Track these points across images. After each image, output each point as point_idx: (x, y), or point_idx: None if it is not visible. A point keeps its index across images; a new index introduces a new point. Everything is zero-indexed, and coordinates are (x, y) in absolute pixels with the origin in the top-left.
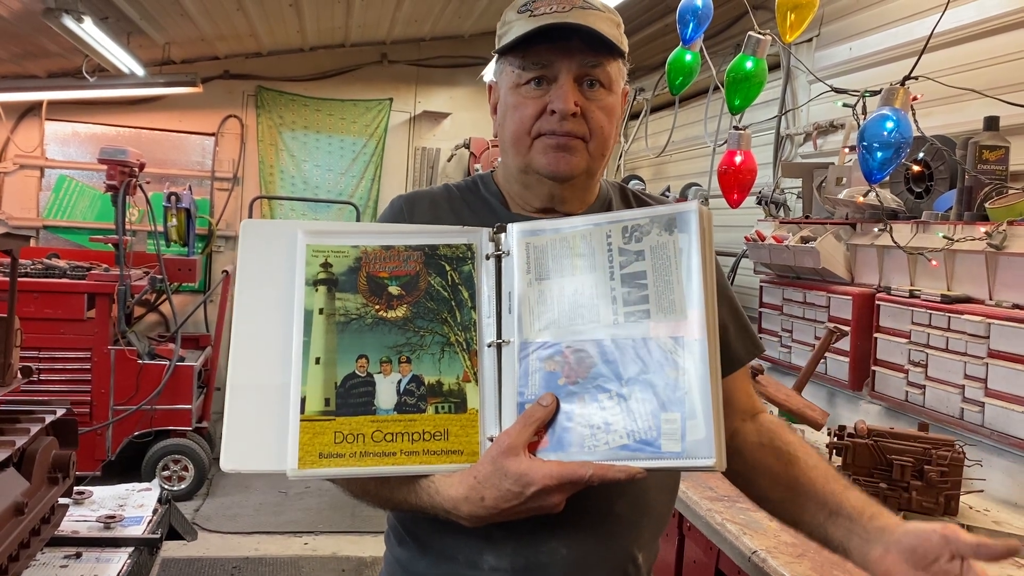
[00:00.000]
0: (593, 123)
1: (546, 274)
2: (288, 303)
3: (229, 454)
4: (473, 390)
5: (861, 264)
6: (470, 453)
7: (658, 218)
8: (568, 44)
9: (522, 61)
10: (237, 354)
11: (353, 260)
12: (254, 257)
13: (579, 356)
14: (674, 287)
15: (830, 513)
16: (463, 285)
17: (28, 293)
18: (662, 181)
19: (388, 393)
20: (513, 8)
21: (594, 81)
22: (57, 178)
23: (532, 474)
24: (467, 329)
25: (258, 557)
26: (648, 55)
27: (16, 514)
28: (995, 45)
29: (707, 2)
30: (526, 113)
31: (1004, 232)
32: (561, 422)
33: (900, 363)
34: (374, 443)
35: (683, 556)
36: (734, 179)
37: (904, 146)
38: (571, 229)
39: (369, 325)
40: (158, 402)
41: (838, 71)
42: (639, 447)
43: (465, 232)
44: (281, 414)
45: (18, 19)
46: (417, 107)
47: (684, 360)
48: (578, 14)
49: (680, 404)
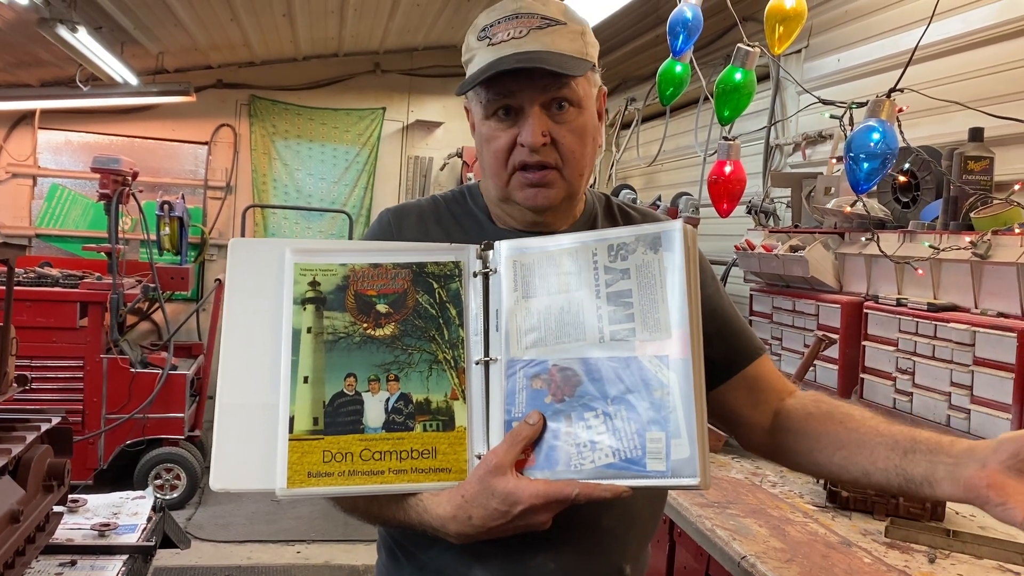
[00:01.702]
0: (564, 149)
1: (533, 292)
2: (276, 322)
3: (219, 473)
4: (461, 408)
5: (849, 273)
6: (458, 471)
7: (643, 236)
8: (529, 71)
9: (486, 94)
10: (226, 373)
11: (341, 278)
12: (242, 275)
13: (565, 374)
14: (659, 306)
15: (905, 452)
16: (451, 303)
17: (21, 302)
18: (653, 190)
19: (376, 411)
20: (473, 32)
21: (563, 103)
22: (50, 187)
23: (519, 493)
24: (455, 347)
25: (251, 566)
26: (639, 66)
27: (12, 522)
28: (980, 57)
29: (697, 14)
30: (499, 146)
31: (989, 242)
32: (548, 440)
33: (888, 371)
34: (363, 462)
35: (674, 562)
36: (724, 189)
37: (890, 157)
38: (557, 247)
39: (357, 343)
40: (150, 411)
41: (826, 82)
42: (624, 466)
43: (453, 249)
44: (270, 433)
45: (12, 28)
46: (410, 116)
47: (669, 379)
48: (536, 37)
49: (665, 423)
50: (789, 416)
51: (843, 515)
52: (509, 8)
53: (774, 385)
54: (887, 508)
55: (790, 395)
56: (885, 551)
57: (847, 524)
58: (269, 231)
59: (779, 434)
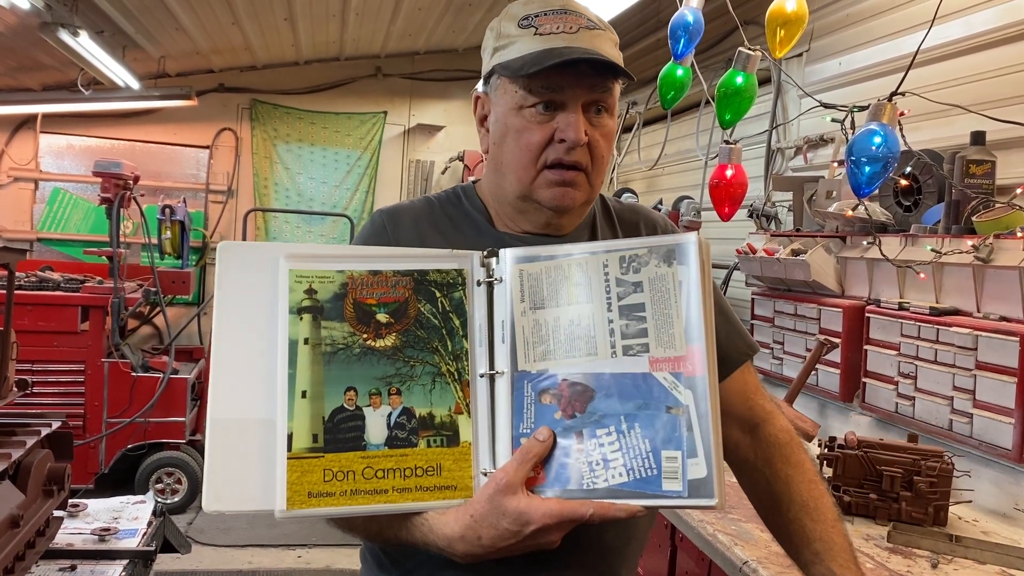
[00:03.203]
0: (596, 152)
1: (541, 303)
2: (270, 332)
3: (212, 494)
4: (466, 422)
5: (851, 277)
6: (464, 488)
7: (656, 248)
8: (578, 69)
9: (528, 82)
10: (217, 386)
11: (339, 286)
12: (233, 282)
13: (576, 389)
14: (673, 321)
15: None
16: (454, 312)
17: (22, 306)
18: (655, 194)
19: (378, 427)
20: (511, 20)
21: (601, 107)
22: (51, 191)
23: (531, 513)
24: (459, 359)
25: (252, 570)
26: (640, 69)
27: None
28: (981, 61)
29: (698, 17)
30: (533, 140)
31: (991, 245)
32: (558, 457)
33: (890, 375)
34: (365, 480)
35: (675, 567)
36: (725, 192)
37: (892, 160)
38: (566, 257)
39: (357, 355)
40: (152, 415)
41: (827, 86)
42: (639, 485)
43: (455, 256)
44: (267, 451)
45: (13, 33)
46: (411, 120)
47: (684, 397)
48: (585, 37)
49: (680, 442)
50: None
51: (845, 520)
52: (556, 3)
53: (738, 412)
54: (889, 513)
55: (752, 430)
56: (888, 556)
57: (849, 529)
58: (271, 235)
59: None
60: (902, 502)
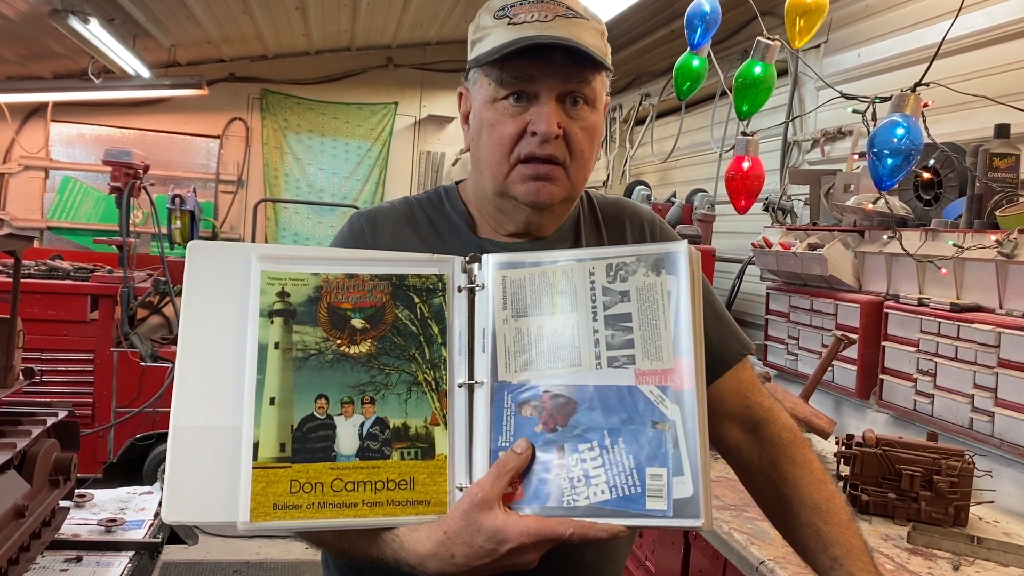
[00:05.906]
0: (574, 145)
1: (524, 311)
2: (239, 336)
3: (172, 504)
4: (442, 434)
5: (869, 272)
6: (438, 503)
7: (645, 257)
8: (551, 58)
9: (500, 74)
10: (182, 392)
11: (313, 289)
12: (202, 283)
13: (558, 401)
14: (661, 333)
15: None
16: (433, 319)
17: (31, 294)
18: (668, 187)
19: (350, 437)
20: (488, 11)
21: (578, 98)
22: (61, 179)
23: (508, 531)
24: (436, 367)
25: (259, 561)
26: (655, 60)
27: (16, 517)
28: (1006, 52)
29: (715, 7)
30: (505, 133)
31: (1015, 240)
32: (538, 472)
33: (908, 372)
34: (334, 493)
35: (689, 565)
36: (742, 185)
37: (914, 153)
38: (551, 263)
39: (330, 362)
40: (160, 405)
41: (846, 77)
42: (622, 504)
43: (436, 261)
44: (231, 460)
45: (24, 21)
46: (422, 111)
47: (671, 411)
48: (561, 24)
49: (666, 459)
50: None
51: (863, 519)
52: None
53: (736, 412)
54: (908, 513)
55: (754, 429)
56: (908, 557)
57: (867, 529)
58: (280, 226)
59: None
60: (921, 502)
